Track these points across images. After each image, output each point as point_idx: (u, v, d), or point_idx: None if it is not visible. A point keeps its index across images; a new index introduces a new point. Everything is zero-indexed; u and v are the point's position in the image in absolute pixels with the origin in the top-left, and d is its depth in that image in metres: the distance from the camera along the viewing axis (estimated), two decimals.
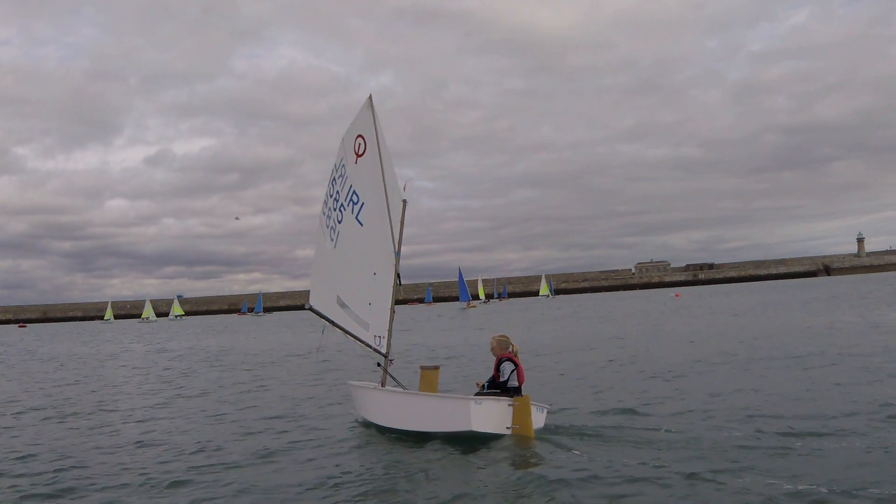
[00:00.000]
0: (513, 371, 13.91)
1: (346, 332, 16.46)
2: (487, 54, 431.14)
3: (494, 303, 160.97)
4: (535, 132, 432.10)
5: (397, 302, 16.00)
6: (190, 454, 14.22)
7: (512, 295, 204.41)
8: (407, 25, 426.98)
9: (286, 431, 16.05)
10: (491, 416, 13.33)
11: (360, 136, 16.09)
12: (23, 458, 14.60)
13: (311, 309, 16.68)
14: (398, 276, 15.70)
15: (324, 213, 17.13)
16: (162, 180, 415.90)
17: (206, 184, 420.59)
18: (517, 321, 67.02)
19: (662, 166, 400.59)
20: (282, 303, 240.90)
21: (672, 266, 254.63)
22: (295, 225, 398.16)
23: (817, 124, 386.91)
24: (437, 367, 16.06)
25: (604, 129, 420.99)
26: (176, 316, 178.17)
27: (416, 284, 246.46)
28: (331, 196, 16.84)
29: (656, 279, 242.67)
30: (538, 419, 13.71)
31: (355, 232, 16.24)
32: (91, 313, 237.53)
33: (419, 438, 13.94)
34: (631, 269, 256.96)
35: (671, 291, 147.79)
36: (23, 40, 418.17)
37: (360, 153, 16.06)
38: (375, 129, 15.71)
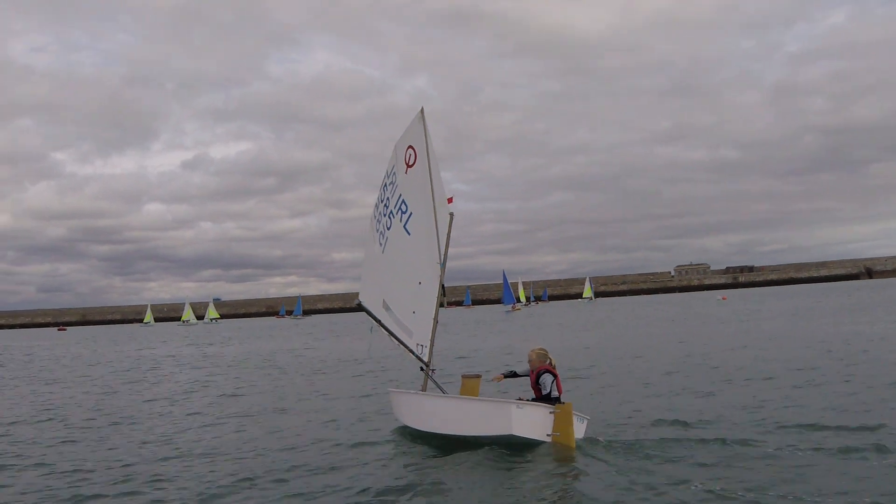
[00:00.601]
0: (552, 382, 13.96)
1: (391, 334, 16.64)
2: (522, 57, 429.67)
3: (534, 306, 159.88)
4: (571, 134, 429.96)
5: (441, 306, 16.05)
6: (230, 461, 14.24)
7: (552, 298, 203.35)
8: (441, 29, 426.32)
9: (324, 441, 15.77)
10: (532, 421, 13.22)
11: (410, 146, 16.26)
12: (87, 470, 14.07)
13: (360, 305, 17.00)
14: (442, 287, 15.80)
15: (374, 217, 17.37)
16: (199, 184, 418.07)
17: (243, 187, 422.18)
18: (566, 325, 66.13)
19: (699, 168, 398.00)
20: (319, 305, 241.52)
21: (712, 269, 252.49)
22: (331, 228, 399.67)
23: (855, 125, 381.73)
24: (478, 376, 16.04)
25: (640, 131, 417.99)
26: (211, 319, 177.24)
27: (454, 287, 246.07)
28: (381, 201, 17.11)
29: (696, 282, 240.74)
30: (578, 429, 13.47)
31: (403, 240, 16.46)
32: (129, 316, 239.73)
33: (457, 445, 13.75)
34: (670, 272, 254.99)
35: (717, 294, 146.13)
36: (59, 47, 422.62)
37: (410, 164, 16.24)
38: (426, 141, 15.86)
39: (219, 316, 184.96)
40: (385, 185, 16.95)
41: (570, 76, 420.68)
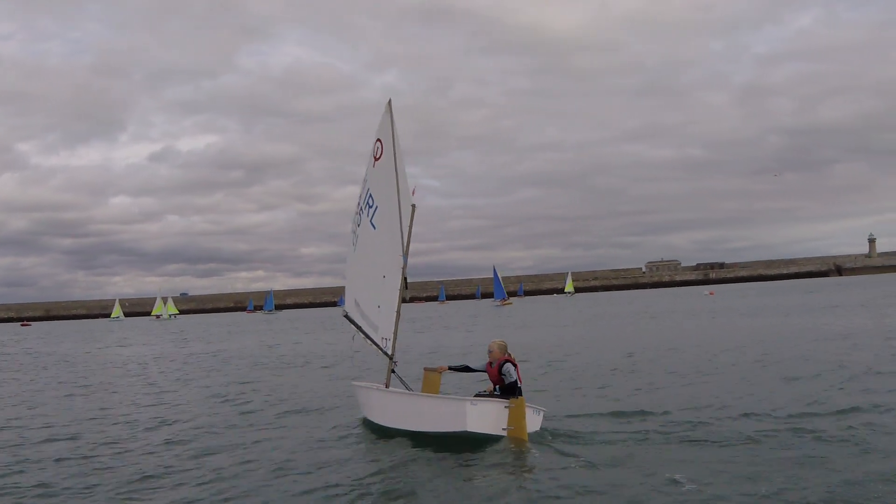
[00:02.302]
0: (514, 371, 14.37)
1: (366, 336, 16.97)
2: (494, 54, 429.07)
3: (515, 300, 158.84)
4: (541, 132, 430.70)
5: (404, 300, 16.07)
6: (182, 460, 14.12)
7: (525, 293, 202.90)
8: (413, 24, 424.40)
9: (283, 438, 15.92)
10: (486, 417, 13.63)
11: (378, 139, 16.39)
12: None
13: (346, 317, 17.50)
14: (405, 279, 15.98)
15: (353, 219, 17.64)
16: (166, 177, 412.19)
17: (211, 181, 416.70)
18: (572, 319, 64.74)
19: (666, 167, 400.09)
20: (289, 300, 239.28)
21: (682, 265, 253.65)
22: (299, 222, 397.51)
23: (821, 127, 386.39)
24: (440, 369, 16.23)
25: (609, 129, 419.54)
26: (170, 315, 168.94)
27: (425, 283, 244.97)
28: (357, 202, 17.36)
29: (667, 278, 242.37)
30: (534, 422, 14.03)
31: (370, 235, 16.72)
32: (94, 311, 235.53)
33: (415, 439, 14.17)
34: (641, 268, 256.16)
35: (704, 289, 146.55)
36: (26, 35, 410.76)
37: (377, 157, 16.40)
38: (392, 133, 15.94)
39: (177, 311, 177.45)
40: (363, 181, 17.07)
41: (542, 74, 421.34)
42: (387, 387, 16.36)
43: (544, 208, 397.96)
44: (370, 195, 16.57)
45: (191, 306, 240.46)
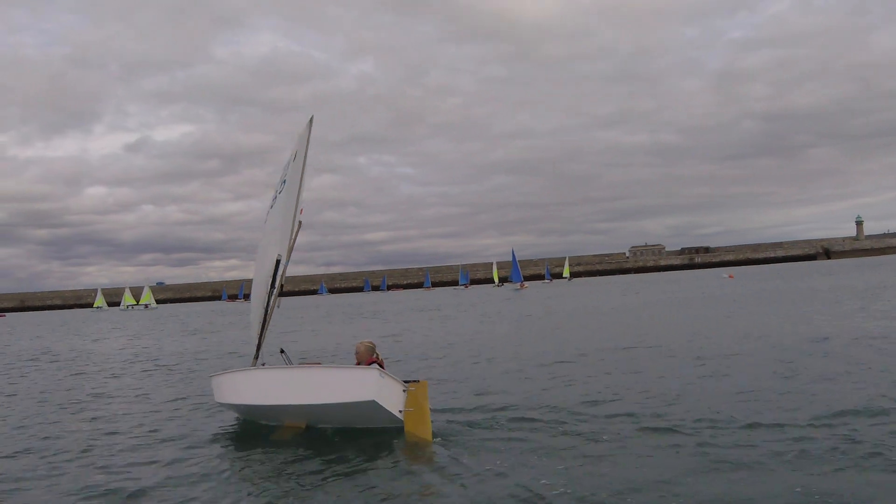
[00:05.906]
0: None
1: (265, 318, 16.07)
2: (467, 42, 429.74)
3: (508, 286, 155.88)
4: (514, 119, 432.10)
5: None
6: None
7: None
8: (388, 13, 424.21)
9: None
10: (390, 392, 13.18)
11: (296, 151, 16.21)
12: None
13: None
14: (282, 286, 15.59)
15: (271, 202, 17.40)
16: (141, 167, 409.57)
17: (186, 170, 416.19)
18: (605, 304, 60.61)
19: (639, 153, 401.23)
20: None
21: (667, 250, 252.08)
22: None
23: (794, 112, 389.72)
24: (319, 364, 15.74)
25: (582, 115, 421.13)
26: (128, 306, 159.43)
27: (406, 270, 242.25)
28: (275, 189, 17.13)
29: (651, 263, 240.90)
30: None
31: (265, 233, 16.74)
32: (70, 301, 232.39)
33: (293, 440, 13.33)
34: (624, 253, 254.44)
35: (723, 272, 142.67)
36: (0, 27, 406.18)
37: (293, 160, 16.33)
38: (306, 149, 15.90)
39: (136, 302, 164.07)
40: (282, 176, 16.73)
41: (514, 61, 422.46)
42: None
43: (518, 195, 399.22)
44: (275, 197, 16.59)
45: (167, 295, 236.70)
